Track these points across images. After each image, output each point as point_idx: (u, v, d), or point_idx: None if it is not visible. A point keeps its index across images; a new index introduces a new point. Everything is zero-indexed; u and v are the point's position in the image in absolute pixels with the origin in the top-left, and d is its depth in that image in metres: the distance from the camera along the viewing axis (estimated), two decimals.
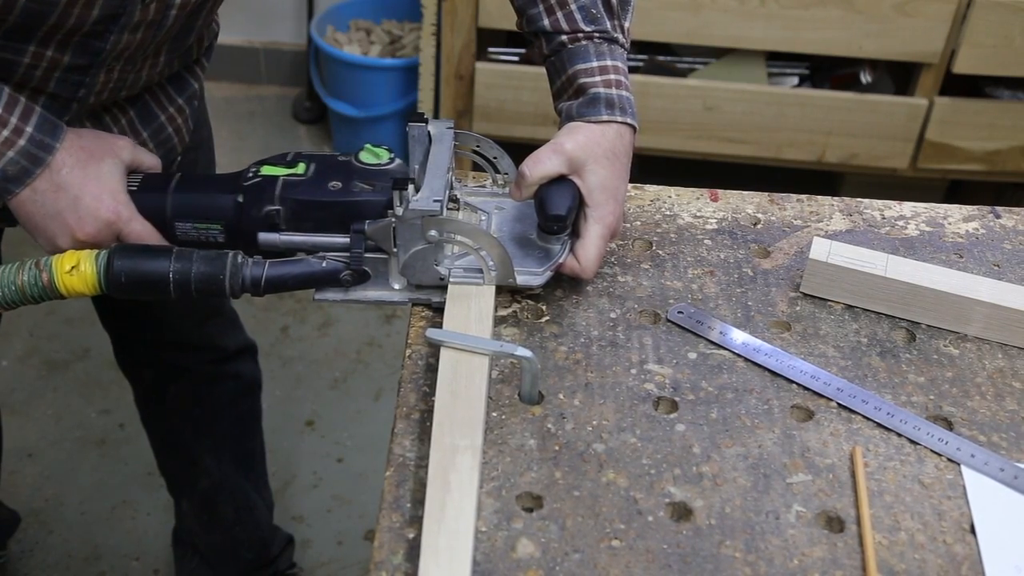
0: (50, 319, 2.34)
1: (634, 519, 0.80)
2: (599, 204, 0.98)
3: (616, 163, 0.99)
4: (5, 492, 1.96)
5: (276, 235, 0.96)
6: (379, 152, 0.98)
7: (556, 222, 0.97)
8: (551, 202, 0.97)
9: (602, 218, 0.98)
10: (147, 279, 0.92)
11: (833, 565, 0.78)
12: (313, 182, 0.95)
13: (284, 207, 0.95)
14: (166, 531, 1.93)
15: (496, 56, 2.51)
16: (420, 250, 0.94)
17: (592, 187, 0.98)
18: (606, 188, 0.98)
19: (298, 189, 0.95)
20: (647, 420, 0.88)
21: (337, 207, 0.94)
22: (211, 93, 3.07)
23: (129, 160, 1.00)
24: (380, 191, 0.94)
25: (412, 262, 0.95)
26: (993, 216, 1.14)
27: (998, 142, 2.48)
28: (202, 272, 0.92)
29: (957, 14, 2.30)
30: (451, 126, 1.01)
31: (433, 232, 0.92)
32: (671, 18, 2.34)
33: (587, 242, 0.98)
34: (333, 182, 0.95)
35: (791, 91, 2.48)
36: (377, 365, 2.32)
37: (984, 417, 0.91)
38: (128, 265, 0.92)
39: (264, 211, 0.95)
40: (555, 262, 0.98)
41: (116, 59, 1.01)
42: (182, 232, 0.99)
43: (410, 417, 0.88)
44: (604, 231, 0.98)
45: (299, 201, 0.95)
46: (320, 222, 0.95)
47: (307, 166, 0.97)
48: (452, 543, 0.75)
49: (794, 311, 1.00)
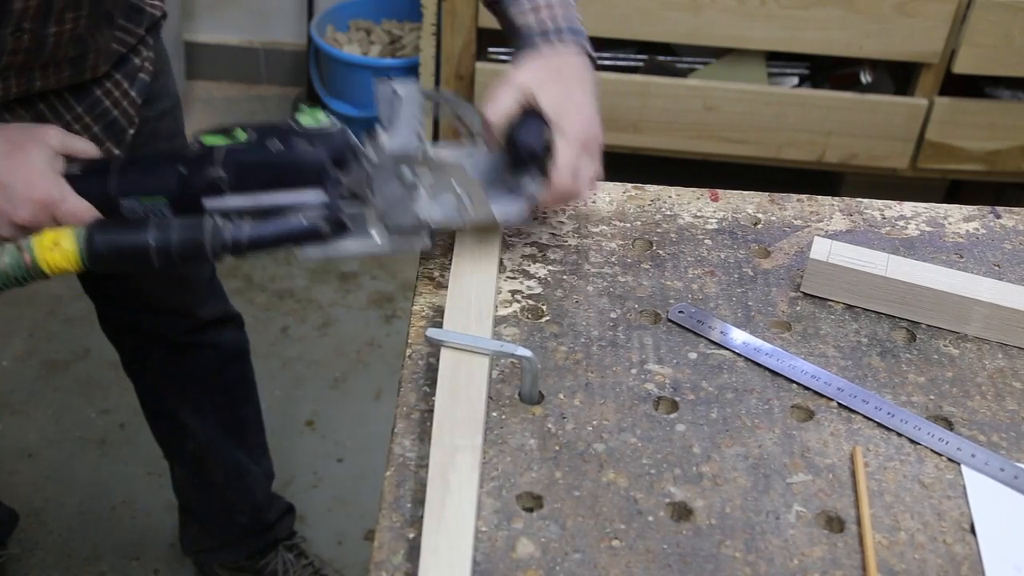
0: (50, 319, 2.34)
1: (634, 519, 0.80)
2: (558, 119, 0.98)
3: (568, 78, 1.02)
4: (5, 492, 1.96)
5: (221, 199, 0.97)
6: (316, 115, 0.99)
7: (525, 154, 0.97)
8: (518, 137, 0.98)
9: (564, 132, 0.98)
10: (128, 251, 0.93)
11: (833, 565, 0.78)
12: (255, 146, 0.97)
13: (228, 172, 0.96)
14: (166, 531, 1.93)
15: (496, 56, 2.51)
16: (396, 194, 0.95)
17: (547, 106, 0.99)
18: (561, 104, 0.99)
19: (241, 154, 0.96)
20: (647, 420, 0.88)
21: (279, 166, 0.96)
22: (211, 93, 3.09)
23: (58, 146, 1.01)
24: (319, 148, 0.96)
25: (389, 208, 0.96)
26: (993, 216, 1.14)
27: (998, 142, 2.48)
28: (183, 238, 0.93)
29: (957, 14, 2.30)
30: (417, 84, 1.03)
31: (407, 173, 0.94)
32: (671, 18, 2.34)
33: (557, 159, 0.97)
34: (274, 144, 0.97)
35: (791, 91, 2.48)
36: (377, 365, 2.32)
37: (984, 417, 0.91)
38: (108, 238, 0.93)
39: (208, 178, 0.96)
40: (532, 194, 0.98)
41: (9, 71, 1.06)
42: (128, 210, 0.99)
43: (410, 417, 0.88)
44: (571, 142, 0.98)
45: (242, 164, 0.96)
46: (263, 183, 0.96)
47: (247, 133, 0.99)
48: (452, 543, 0.75)
49: (794, 311, 1.00)
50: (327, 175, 0.95)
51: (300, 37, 3.03)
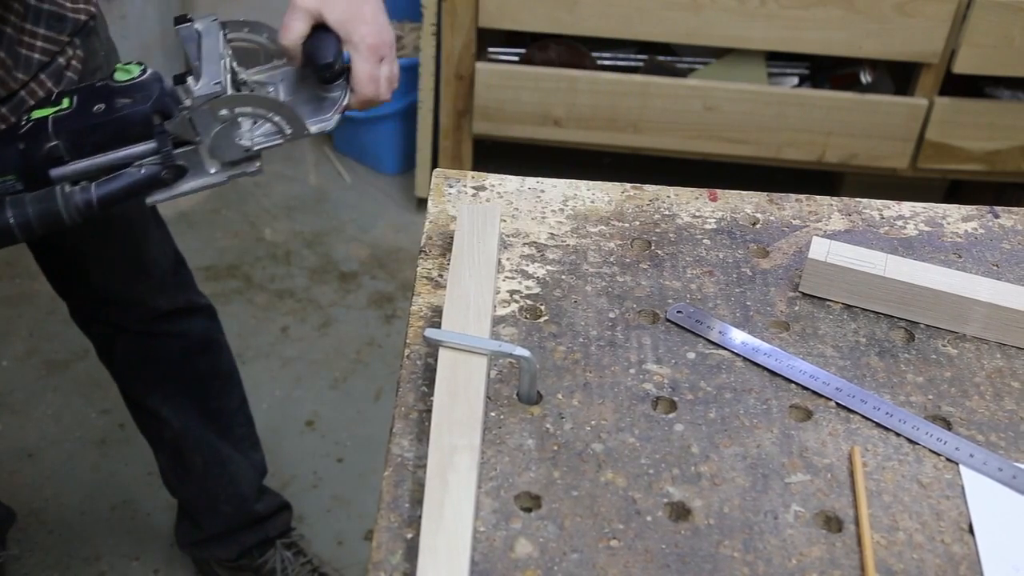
0: (50, 319, 2.34)
1: (632, 519, 0.80)
2: (348, 33, 1.08)
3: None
4: (5, 492, 1.96)
5: (66, 167, 1.03)
6: (130, 68, 1.06)
7: (325, 71, 1.08)
8: (314, 55, 1.09)
9: (356, 44, 1.08)
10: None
11: (831, 565, 0.78)
12: (79, 112, 1.04)
13: (62, 140, 1.02)
14: (166, 531, 1.94)
15: (496, 56, 2.51)
16: (218, 131, 1.03)
17: (335, 23, 1.08)
18: (346, 17, 1.08)
19: (68, 122, 1.03)
20: (646, 420, 0.88)
21: (106, 126, 1.03)
22: None
23: None
24: (140, 101, 1.03)
25: (216, 144, 1.04)
26: (992, 216, 1.14)
27: (998, 142, 2.48)
28: (38, 210, 1.01)
29: (957, 14, 2.30)
30: (215, 18, 1.11)
31: (223, 111, 1.02)
32: (671, 18, 2.34)
33: (355, 69, 1.09)
34: (97, 106, 1.03)
35: (791, 91, 2.48)
36: (377, 365, 2.32)
37: (983, 417, 0.91)
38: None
39: (45, 150, 1.02)
40: (339, 104, 1.09)
41: None
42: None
43: (408, 417, 0.88)
44: (363, 52, 1.08)
45: (72, 131, 1.02)
46: (98, 145, 1.03)
47: (71, 99, 1.05)
48: (450, 543, 0.75)
49: (793, 311, 1.00)
50: (153, 126, 1.03)
51: None
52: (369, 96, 1.10)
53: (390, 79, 1.13)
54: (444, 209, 1.09)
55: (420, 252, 1.04)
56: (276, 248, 2.62)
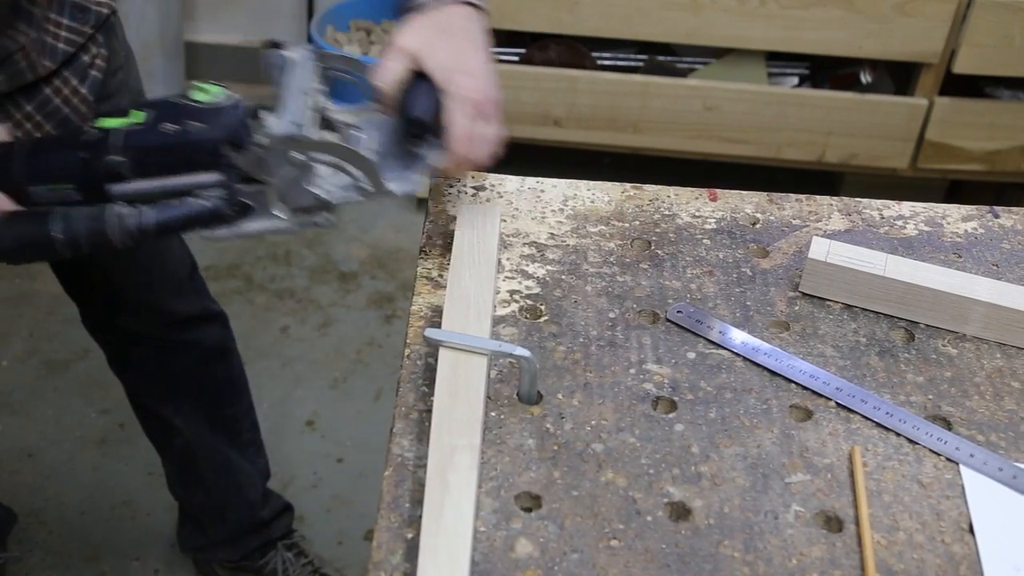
0: (50, 319, 2.34)
1: (633, 519, 0.80)
2: (448, 82, 0.95)
3: (454, 39, 0.97)
4: (5, 492, 1.96)
5: (126, 184, 0.97)
6: (210, 89, 0.98)
7: (416, 126, 0.96)
8: (408, 107, 0.96)
9: (454, 95, 0.95)
10: (35, 245, 0.94)
11: (832, 565, 0.78)
12: (150, 128, 0.96)
13: (127, 157, 0.96)
14: (166, 531, 1.93)
15: (496, 56, 2.51)
16: (290, 174, 0.94)
17: (434, 69, 0.95)
18: (449, 65, 0.95)
19: (136, 137, 0.96)
20: (646, 420, 0.88)
21: (175, 149, 0.95)
22: None
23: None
24: (213, 128, 0.95)
25: (286, 187, 0.95)
26: (992, 216, 1.14)
27: (998, 142, 2.49)
28: (87, 230, 0.94)
29: (957, 14, 2.30)
30: (310, 48, 1.02)
31: (296, 155, 0.93)
32: (671, 18, 2.34)
33: (451, 127, 0.94)
34: (169, 125, 0.96)
35: (791, 91, 2.48)
36: (377, 365, 2.32)
37: (983, 417, 0.91)
38: (13, 234, 0.94)
39: (109, 163, 0.96)
40: (426, 162, 0.97)
41: None
42: (36, 195, 0.98)
43: (409, 417, 0.88)
44: (461, 106, 0.94)
45: (139, 148, 0.95)
46: (162, 166, 0.96)
47: (143, 113, 0.98)
48: (451, 543, 0.75)
49: (793, 311, 1.00)
50: (222, 157, 0.95)
51: (300, 37, 3.03)
52: (463, 157, 0.95)
53: (490, 140, 0.98)
54: (444, 209, 1.09)
55: (420, 252, 1.04)
56: (276, 248, 2.62)
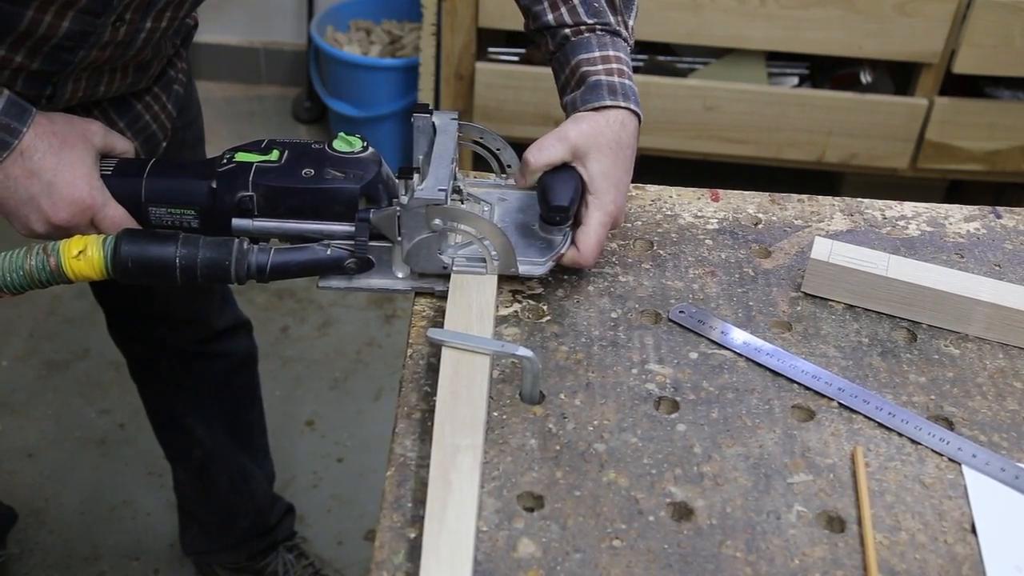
0: (50, 319, 2.34)
1: (635, 519, 0.80)
2: (601, 192, 0.99)
3: (620, 152, 1.00)
4: (5, 492, 1.96)
5: (249, 221, 0.96)
6: (352, 140, 0.98)
7: (558, 212, 0.97)
8: (553, 192, 0.98)
9: (603, 206, 0.98)
10: (153, 264, 0.93)
11: (834, 565, 0.78)
12: (286, 169, 0.96)
13: (257, 193, 0.95)
14: (166, 531, 1.93)
15: (496, 56, 2.51)
16: (424, 239, 0.94)
17: (594, 175, 0.98)
18: (608, 176, 0.99)
19: (271, 176, 0.95)
20: (648, 420, 0.88)
21: (309, 194, 0.95)
22: (211, 93, 3.08)
23: (101, 144, 1.00)
24: (352, 179, 0.95)
25: (416, 251, 0.95)
26: (994, 216, 1.14)
27: (998, 142, 2.48)
28: (208, 258, 0.93)
29: (957, 14, 2.30)
30: (455, 117, 1.02)
31: (437, 221, 0.93)
32: (671, 18, 2.34)
33: (588, 230, 0.98)
34: (306, 169, 0.95)
35: (791, 91, 2.48)
36: (377, 365, 2.32)
37: (985, 417, 0.91)
38: (135, 250, 0.92)
39: (237, 197, 0.95)
40: (557, 252, 0.98)
41: (84, 70, 1.03)
42: (156, 217, 0.99)
43: (411, 417, 0.88)
44: (605, 219, 0.98)
45: (272, 188, 0.95)
46: (293, 209, 0.96)
47: (281, 153, 0.97)
48: (453, 543, 0.75)
49: (795, 311, 1.00)
50: (357, 209, 0.94)
51: (300, 37, 3.03)
52: (582, 257, 0.98)
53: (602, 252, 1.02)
54: None
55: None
56: None
